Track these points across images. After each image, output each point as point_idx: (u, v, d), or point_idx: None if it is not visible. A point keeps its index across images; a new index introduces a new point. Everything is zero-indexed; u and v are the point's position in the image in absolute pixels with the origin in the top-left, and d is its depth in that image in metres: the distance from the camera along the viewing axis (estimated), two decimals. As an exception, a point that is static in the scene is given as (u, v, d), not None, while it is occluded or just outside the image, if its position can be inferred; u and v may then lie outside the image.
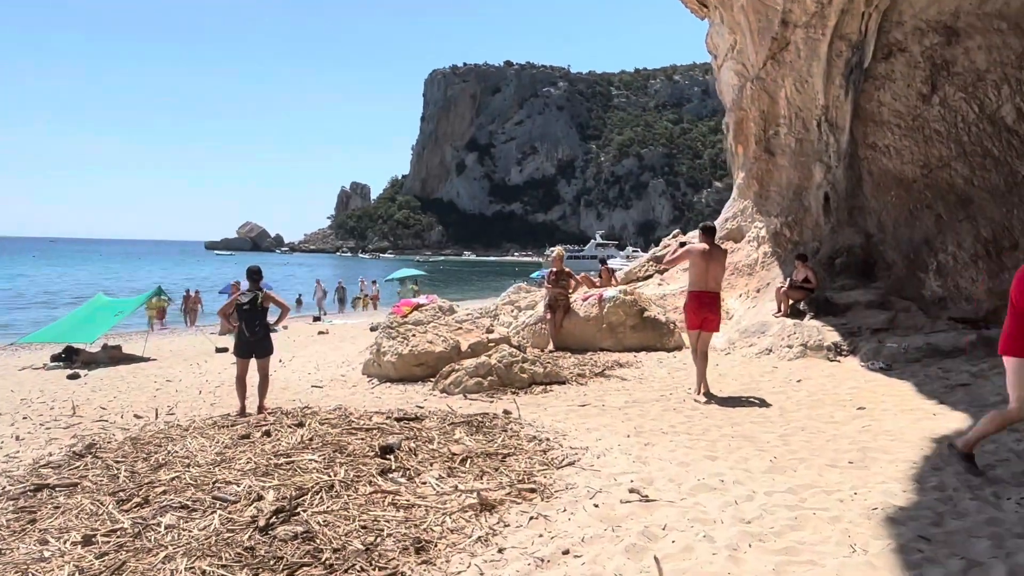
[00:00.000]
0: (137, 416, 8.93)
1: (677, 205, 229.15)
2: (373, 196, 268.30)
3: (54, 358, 15.99)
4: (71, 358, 15.94)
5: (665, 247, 18.50)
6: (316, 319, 28.98)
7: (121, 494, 5.17)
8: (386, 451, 6.15)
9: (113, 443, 7.10)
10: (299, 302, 34.66)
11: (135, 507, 4.97)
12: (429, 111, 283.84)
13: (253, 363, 8.72)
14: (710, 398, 8.56)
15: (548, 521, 4.59)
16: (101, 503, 5.00)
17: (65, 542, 4.38)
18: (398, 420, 7.46)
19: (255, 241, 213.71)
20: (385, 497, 5.13)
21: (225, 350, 17.65)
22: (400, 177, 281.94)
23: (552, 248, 16.52)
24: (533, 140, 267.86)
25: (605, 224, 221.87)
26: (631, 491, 5.08)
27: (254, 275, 8.81)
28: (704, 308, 8.74)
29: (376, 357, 10.97)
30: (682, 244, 11.19)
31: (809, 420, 7.35)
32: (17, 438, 7.98)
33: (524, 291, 16.40)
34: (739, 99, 15.05)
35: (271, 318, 9.12)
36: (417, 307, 11.47)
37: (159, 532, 4.46)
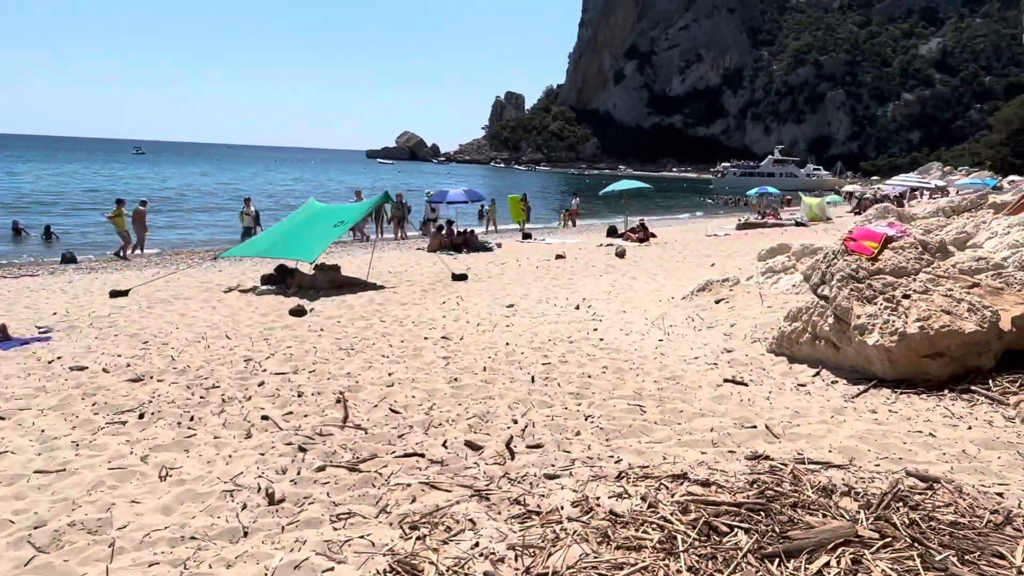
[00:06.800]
0: (473, 446, 4.59)
1: (857, 120, 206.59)
2: (528, 106, 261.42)
3: (265, 280, 12.48)
4: (284, 280, 12.38)
5: None
6: (526, 236, 24.70)
7: None
8: None
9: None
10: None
11: None
12: (588, 16, 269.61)
13: None
14: None
15: None
16: None
17: None
18: None
19: (413, 150, 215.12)
20: None
21: (464, 278, 13.52)
22: (555, 87, 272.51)
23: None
24: (698, 47, 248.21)
25: (773, 140, 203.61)
26: None
27: None
28: None
29: (832, 332, 6.07)
30: None
31: None
32: (270, 496, 3.86)
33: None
34: None
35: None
36: (887, 242, 6.37)
37: None
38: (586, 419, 5.06)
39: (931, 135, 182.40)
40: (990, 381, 5.53)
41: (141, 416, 5.33)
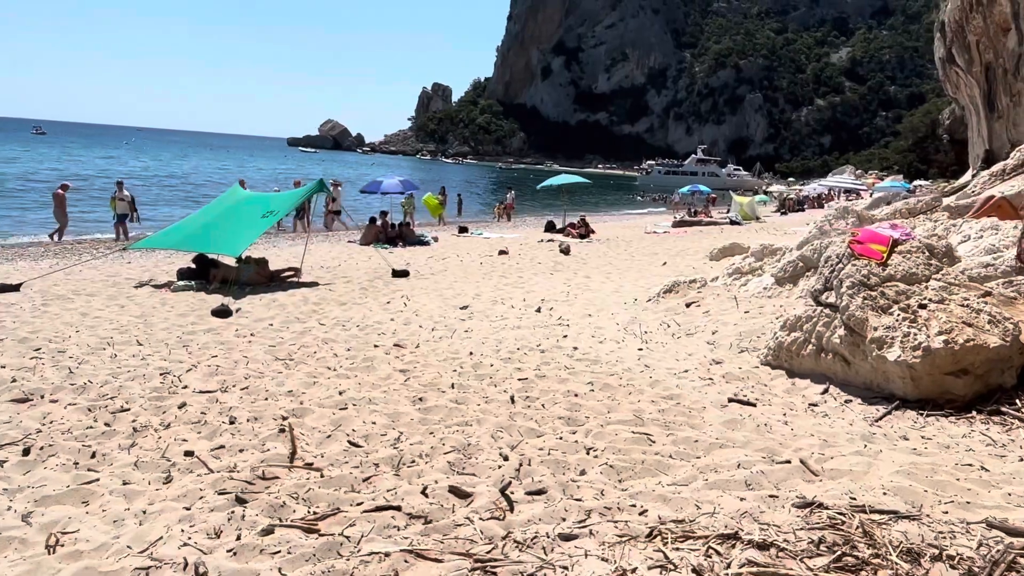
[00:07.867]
0: (460, 493, 3.70)
1: (774, 123, 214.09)
2: (455, 99, 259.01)
3: (182, 274, 11.15)
4: (205, 274, 11.10)
5: None
6: (463, 230, 23.79)
7: None
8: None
9: None
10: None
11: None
12: (517, 10, 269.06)
13: None
14: None
15: None
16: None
17: None
18: None
19: (336, 139, 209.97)
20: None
21: (405, 274, 12.58)
22: (483, 80, 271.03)
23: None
24: (624, 45, 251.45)
25: (694, 139, 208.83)
26: None
27: None
28: None
29: (843, 345, 5.46)
30: None
31: None
32: None
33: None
34: None
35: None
36: (895, 246, 5.83)
37: None
38: (588, 452, 4.25)
39: (841, 139, 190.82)
40: (1017, 401, 5.03)
41: (26, 452, 4.20)
